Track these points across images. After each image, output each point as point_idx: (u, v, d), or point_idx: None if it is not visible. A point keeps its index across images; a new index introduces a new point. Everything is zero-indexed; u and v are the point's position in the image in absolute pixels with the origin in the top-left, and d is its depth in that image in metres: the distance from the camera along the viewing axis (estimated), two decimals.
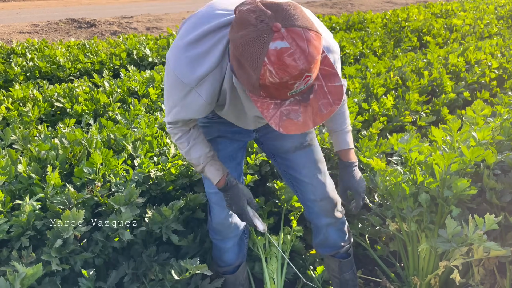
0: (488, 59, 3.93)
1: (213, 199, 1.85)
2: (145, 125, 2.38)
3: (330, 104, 1.19)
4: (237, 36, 1.10)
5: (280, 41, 1.04)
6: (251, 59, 1.07)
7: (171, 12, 11.35)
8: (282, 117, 1.17)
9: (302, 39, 1.06)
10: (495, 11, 7.77)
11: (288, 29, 1.05)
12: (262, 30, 1.05)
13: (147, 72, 3.95)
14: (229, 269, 2.02)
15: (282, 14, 1.07)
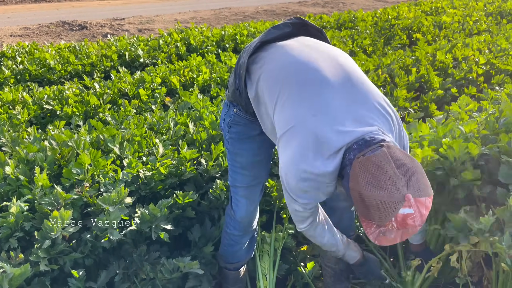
0: (476, 55, 3.97)
1: (241, 193, 1.91)
2: (133, 125, 2.39)
3: (415, 227, 1.36)
4: (371, 194, 1.29)
5: (408, 208, 1.27)
6: (381, 214, 1.30)
7: (163, 14, 11.34)
8: (380, 234, 1.40)
9: (423, 206, 1.29)
10: (484, 8, 7.83)
11: (416, 199, 1.27)
12: (396, 198, 1.27)
13: (138, 73, 3.95)
14: (238, 265, 2.08)
15: (413, 183, 1.28)
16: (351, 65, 1.60)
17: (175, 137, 2.40)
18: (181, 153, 2.17)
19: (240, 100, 1.69)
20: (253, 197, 1.90)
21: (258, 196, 1.95)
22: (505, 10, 7.52)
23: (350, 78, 1.52)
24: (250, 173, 1.86)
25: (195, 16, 10.99)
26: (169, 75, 3.90)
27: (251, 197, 1.90)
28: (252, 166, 1.84)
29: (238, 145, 1.82)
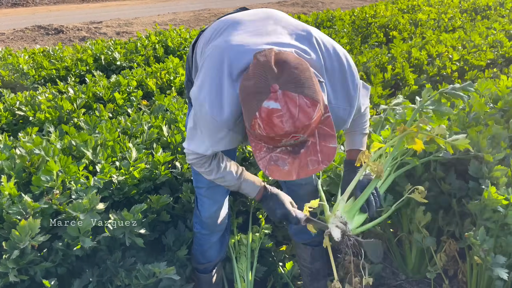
0: (450, 51, 4.03)
1: (204, 193, 1.87)
2: (106, 130, 2.35)
3: (318, 162, 1.23)
4: (245, 84, 1.19)
5: (273, 101, 1.11)
6: (247, 109, 1.16)
7: (141, 16, 11.23)
8: (270, 162, 1.23)
9: (295, 104, 1.11)
10: (459, 4, 7.97)
11: (284, 92, 1.11)
12: (261, 87, 1.13)
13: (113, 77, 3.90)
14: (209, 266, 2.04)
15: (285, 76, 1.13)
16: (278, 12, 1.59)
17: (148, 141, 2.37)
18: (155, 157, 2.14)
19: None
20: (216, 197, 1.87)
21: (222, 196, 1.91)
22: (479, 7, 7.66)
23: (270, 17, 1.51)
24: None
25: (174, 18, 10.92)
26: (145, 78, 3.85)
27: (213, 197, 1.87)
28: None
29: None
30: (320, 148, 1.22)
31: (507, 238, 1.74)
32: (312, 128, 1.18)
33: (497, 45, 4.40)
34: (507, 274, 1.62)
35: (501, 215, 1.74)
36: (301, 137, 1.17)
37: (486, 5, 7.72)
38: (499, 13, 7.19)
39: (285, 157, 1.22)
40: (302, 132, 1.15)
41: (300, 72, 1.15)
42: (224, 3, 14.28)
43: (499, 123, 2.29)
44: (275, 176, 1.25)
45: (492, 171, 1.82)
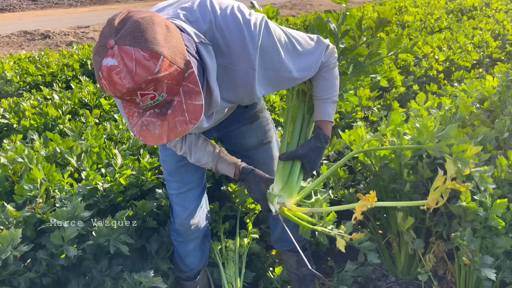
0: (436, 52, 4.05)
1: (175, 200, 1.86)
2: (91, 136, 2.32)
3: (186, 122, 1.17)
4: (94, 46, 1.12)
5: (111, 58, 1.04)
6: (95, 71, 1.09)
7: None
8: (143, 127, 1.17)
9: (131, 58, 1.04)
10: (445, 5, 8.05)
11: (120, 47, 1.04)
12: (101, 45, 1.06)
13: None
14: (191, 274, 2.01)
15: (122, 30, 1.05)
16: None
17: (135, 147, 2.34)
18: (142, 163, 2.11)
19: None
20: (186, 204, 1.85)
21: (192, 203, 1.87)
22: (465, 7, 7.74)
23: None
24: (176, 179, 1.82)
25: None
26: None
27: (183, 204, 1.85)
28: (177, 171, 1.80)
29: (163, 151, 1.82)
30: (186, 106, 1.16)
31: (492, 239, 1.74)
32: (168, 85, 1.11)
33: (483, 46, 4.44)
34: (495, 274, 1.62)
35: (482, 218, 1.74)
36: (159, 95, 1.10)
37: (472, 5, 7.80)
38: (484, 13, 7.28)
39: (155, 120, 1.16)
40: (150, 88, 1.07)
41: (141, 24, 1.06)
42: None
43: (485, 124, 2.31)
44: (149, 141, 1.19)
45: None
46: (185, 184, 1.83)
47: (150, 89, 1.08)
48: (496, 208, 1.66)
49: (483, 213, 1.69)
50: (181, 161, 1.77)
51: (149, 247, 2.05)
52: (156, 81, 1.07)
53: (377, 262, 1.79)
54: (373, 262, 1.79)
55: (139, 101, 1.10)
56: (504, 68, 3.27)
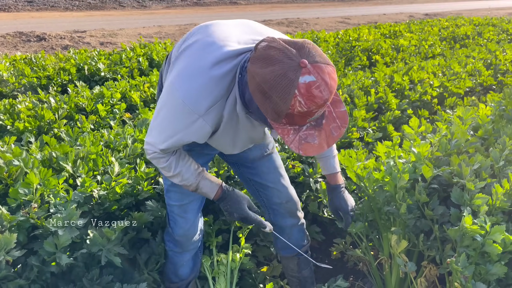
0: (431, 78, 4.13)
1: (176, 211, 1.88)
2: (89, 142, 2.31)
3: (339, 127, 1.34)
4: (265, 72, 1.19)
5: (308, 75, 1.17)
6: (282, 92, 1.18)
7: (126, 28, 11.20)
8: (301, 141, 1.31)
9: (325, 73, 1.19)
10: (439, 32, 8.23)
11: (313, 65, 1.18)
12: (291, 66, 1.17)
13: (97, 88, 3.84)
14: (182, 284, 2.02)
15: (305, 51, 1.20)
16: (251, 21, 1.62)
17: (132, 155, 2.33)
18: (138, 172, 2.10)
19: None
20: (188, 215, 1.89)
21: (194, 214, 1.91)
22: (458, 35, 7.93)
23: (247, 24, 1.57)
24: (179, 190, 1.83)
25: (160, 31, 10.93)
26: (129, 91, 3.81)
27: (186, 216, 1.89)
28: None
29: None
30: (336, 114, 1.34)
31: (486, 266, 1.76)
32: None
33: (475, 74, 4.54)
34: None
35: (479, 243, 1.76)
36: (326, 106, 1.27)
37: (464, 34, 8.00)
38: (477, 42, 7.46)
39: (312, 132, 1.30)
40: (331, 98, 1.25)
41: (312, 45, 1.24)
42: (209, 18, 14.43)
43: (480, 151, 2.35)
44: (309, 152, 1.32)
45: (474, 199, 1.86)
46: (187, 195, 1.84)
47: (330, 99, 1.25)
48: (494, 234, 1.68)
49: (481, 238, 1.71)
50: None
51: (139, 258, 2.03)
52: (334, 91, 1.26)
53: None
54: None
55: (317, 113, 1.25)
56: (496, 97, 3.35)
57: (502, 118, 2.83)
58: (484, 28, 8.83)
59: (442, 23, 9.87)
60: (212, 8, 19.97)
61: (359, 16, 15.22)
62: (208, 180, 1.67)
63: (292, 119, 1.25)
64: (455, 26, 9.33)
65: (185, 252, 1.96)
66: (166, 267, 2.03)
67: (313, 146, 1.31)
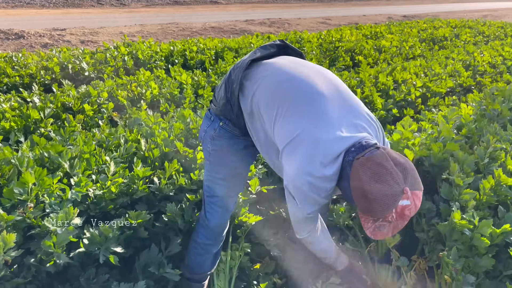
0: (413, 78, 4.24)
1: (218, 203, 1.98)
2: (82, 142, 2.29)
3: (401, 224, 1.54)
4: (375, 187, 1.43)
5: (406, 200, 1.42)
6: (384, 206, 1.43)
7: (107, 26, 11.03)
8: (375, 229, 1.55)
9: (418, 199, 1.46)
10: (418, 34, 8.42)
11: (413, 192, 1.43)
12: (397, 191, 1.41)
13: (83, 87, 3.80)
14: (204, 276, 2.10)
15: (409, 178, 1.43)
16: (337, 79, 1.75)
17: (126, 155, 2.33)
18: (134, 171, 2.10)
19: (231, 114, 1.78)
20: (228, 207, 2.00)
21: (233, 206, 2.06)
22: (437, 37, 8.13)
23: (340, 91, 1.67)
24: (229, 184, 1.95)
25: (142, 30, 10.81)
26: (116, 90, 3.78)
27: (227, 207, 2.00)
28: (232, 177, 1.93)
29: (221, 157, 1.89)
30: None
31: (474, 259, 1.84)
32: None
33: (455, 74, 4.68)
34: None
35: (468, 237, 1.84)
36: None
37: (443, 36, 8.20)
38: (454, 44, 7.66)
39: (385, 224, 1.53)
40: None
41: (414, 172, 1.47)
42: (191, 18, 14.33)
43: (464, 149, 2.44)
44: (378, 237, 1.58)
45: (462, 194, 1.93)
46: (233, 190, 1.99)
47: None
48: (482, 228, 1.76)
49: (470, 233, 1.79)
50: (239, 168, 1.94)
51: (137, 262, 2.02)
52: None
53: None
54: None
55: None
56: (477, 97, 3.47)
57: (483, 117, 2.94)
58: (461, 30, 9.08)
59: (421, 25, 10.10)
60: (192, 7, 19.85)
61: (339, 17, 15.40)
62: (342, 257, 1.99)
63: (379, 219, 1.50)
64: (433, 28, 9.56)
65: (215, 244, 2.05)
66: (190, 258, 2.08)
67: (382, 233, 1.55)
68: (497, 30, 9.61)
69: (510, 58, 5.69)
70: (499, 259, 1.81)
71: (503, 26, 10.33)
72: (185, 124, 2.79)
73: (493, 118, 2.91)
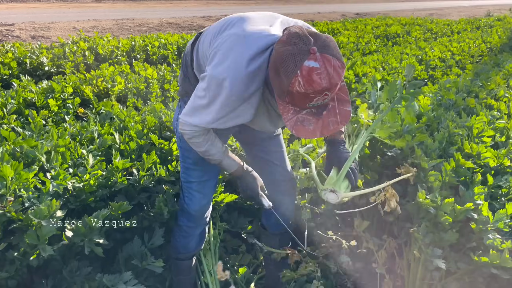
0: (373, 72, 4.45)
1: (195, 188, 2.00)
2: (56, 135, 2.25)
3: (337, 123, 1.45)
4: (282, 49, 1.34)
5: (313, 61, 1.31)
6: (288, 68, 1.32)
7: (58, 21, 10.62)
8: (297, 122, 1.43)
9: (330, 64, 1.32)
10: (372, 31, 8.77)
11: (322, 54, 1.32)
12: (302, 49, 1.32)
13: (45, 82, 3.69)
14: (189, 255, 2.14)
15: (320, 42, 1.33)
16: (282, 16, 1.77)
17: (102, 148, 2.31)
18: (114, 163, 2.10)
19: (190, 87, 1.80)
20: (206, 191, 2.02)
21: (212, 190, 2.08)
22: (390, 34, 8.51)
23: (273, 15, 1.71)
24: (201, 168, 1.96)
25: (96, 25, 10.50)
26: (81, 85, 3.70)
27: (204, 191, 2.01)
28: (203, 161, 1.90)
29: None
30: (338, 110, 1.44)
31: (440, 234, 2.00)
32: (336, 91, 1.39)
33: None
34: (444, 264, 1.87)
35: (433, 214, 2.00)
36: (328, 97, 1.36)
37: (395, 32, 8.60)
38: (406, 40, 8.06)
39: (310, 118, 1.41)
40: (332, 91, 1.35)
41: (330, 40, 1.37)
42: (145, 13, 14.05)
43: (426, 136, 2.63)
44: (301, 134, 1.44)
45: (427, 176, 2.09)
46: (207, 172, 1.98)
47: (331, 92, 1.35)
48: (445, 206, 1.92)
49: (434, 210, 1.94)
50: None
51: (120, 254, 2.03)
52: (337, 86, 1.36)
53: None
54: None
55: (315, 100, 1.35)
56: (433, 88, 3.71)
57: (440, 107, 3.15)
58: (412, 27, 9.54)
59: (374, 22, 10.51)
60: (145, 2, 19.47)
61: (295, 14, 15.66)
62: (230, 159, 1.84)
63: (293, 99, 1.38)
64: (386, 25, 9.98)
65: (198, 226, 2.08)
66: (175, 240, 2.12)
67: (306, 130, 1.43)
68: (444, 27, 10.19)
69: (458, 53, 6.09)
70: (462, 233, 1.98)
71: (449, 24, 10.96)
72: (157, 117, 2.79)
73: (448, 107, 3.13)
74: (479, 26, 11.34)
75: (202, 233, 2.14)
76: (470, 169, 2.20)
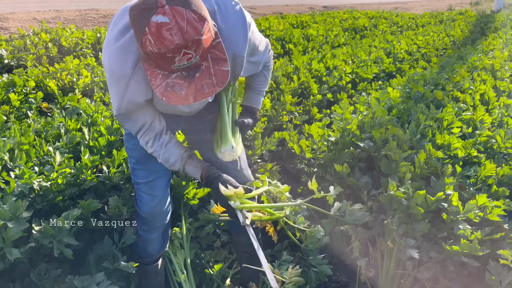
0: (343, 65, 4.49)
1: (142, 189, 1.87)
2: (19, 133, 2.14)
3: (213, 85, 1.31)
4: (131, 7, 1.22)
5: (161, 16, 1.15)
6: (137, 28, 1.19)
7: (17, 11, 10.15)
8: (167, 88, 1.28)
9: (183, 18, 1.16)
10: (341, 24, 8.86)
11: (171, 7, 1.16)
12: (149, 4, 1.17)
13: (5, 76, 3.51)
14: (151, 260, 2.03)
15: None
16: None
17: (70, 144, 2.22)
18: (83, 160, 2.02)
19: None
20: (154, 192, 1.87)
21: (161, 191, 1.90)
22: (357, 27, 8.61)
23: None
24: (144, 167, 1.84)
25: (58, 16, 10.10)
26: (44, 79, 3.55)
27: (152, 193, 1.87)
28: (146, 160, 1.80)
29: (131, 140, 1.80)
30: (214, 71, 1.30)
31: (413, 225, 2.04)
32: (203, 49, 1.23)
33: (378, 61, 5.02)
34: (417, 253, 1.91)
35: (405, 206, 2.04)
36: (194, 57, 1.22)
37: (363, 25, 8.72)
38: (373, 33, 8.19)
39: (181, 82, 1.28)
40: (193, 48, 1.20)
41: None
42: (108, 4, 13.62)
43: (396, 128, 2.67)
44: (173, 101, 1.30)
45: (399, 167, 2.13)
46: (153, 172, 1.83)
47: (192, 49, 1.19)
48: (416, 198, 1.95)
49: (406, 202, 1.98)
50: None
51: (91, 255, 1.96)
52: (199, 42, 1.20)
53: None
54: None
55: (177, 60, 1.20)
56: (401, 81, 3.78)
57: (409, 99, 3.21)
58: (378, 20, 9.70)
59: (342, 15, 10.62)
60: None
61: (264, 6, 15.61)
62: (191, 166, 1.70)
63: (155, 61, 1.24)
64: (353, 18, 10.10)
65: (153, 230, 1.95)
66: (135, 244, 2.00)
67: (178, 95, 1.28)
68: (409, 21, 10.42)
69: (423, 46, 6.23)
70: (433, 223, 2.03)
71: (414, 18, 11.22)
72: None
73: (417, 99, 3.20)
74: (442, 20, 11.67)
75: (163, 236, 2.02)
76: (440, 159, 2.25)
